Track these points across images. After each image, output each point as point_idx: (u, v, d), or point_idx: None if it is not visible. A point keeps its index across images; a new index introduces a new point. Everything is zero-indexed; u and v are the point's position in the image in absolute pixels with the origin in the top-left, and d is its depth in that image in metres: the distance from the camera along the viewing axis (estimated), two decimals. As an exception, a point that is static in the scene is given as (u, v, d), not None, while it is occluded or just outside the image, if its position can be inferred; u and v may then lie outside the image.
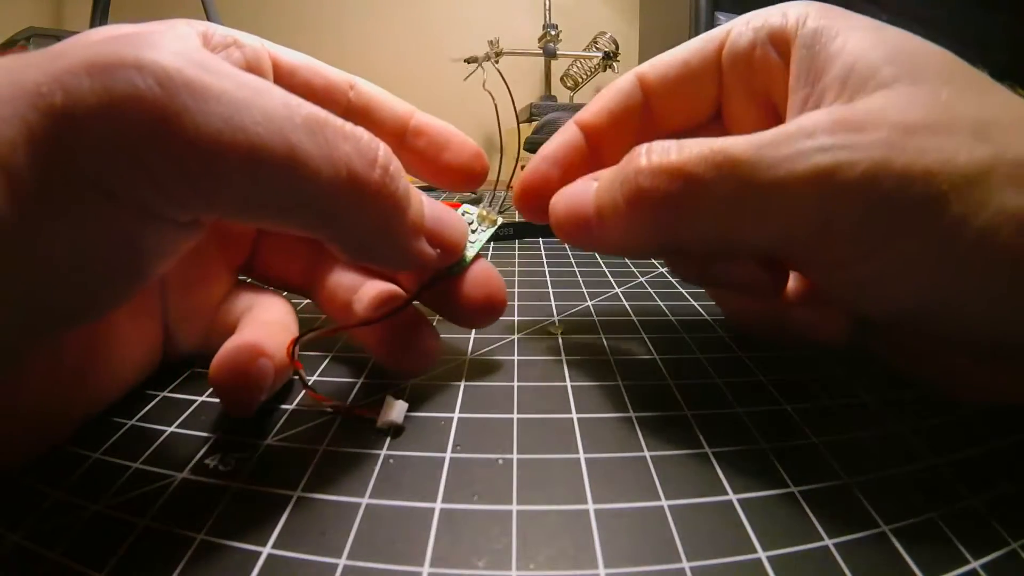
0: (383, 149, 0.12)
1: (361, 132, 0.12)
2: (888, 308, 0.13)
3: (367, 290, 0.17)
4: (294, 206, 0.11)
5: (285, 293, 0.21)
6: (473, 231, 0.17)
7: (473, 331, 0.21)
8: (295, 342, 0.15)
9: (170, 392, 0.17)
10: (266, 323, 0.17)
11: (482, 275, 0.16)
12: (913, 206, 0.11)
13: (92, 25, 0.65)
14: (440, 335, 0.17)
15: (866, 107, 0.12)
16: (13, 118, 0.09)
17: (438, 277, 0.16)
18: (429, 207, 0.14)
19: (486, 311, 0.16)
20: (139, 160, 0.09)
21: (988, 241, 0.10)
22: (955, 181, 0.10)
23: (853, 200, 0.11)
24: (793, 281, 0.15)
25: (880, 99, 0.12)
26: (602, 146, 0.19)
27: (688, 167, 0.12)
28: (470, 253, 0.16)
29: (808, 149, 0.11)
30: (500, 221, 0.18)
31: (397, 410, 0.15)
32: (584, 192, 0.15)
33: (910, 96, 0.12)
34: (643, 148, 0.13)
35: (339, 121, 0.12)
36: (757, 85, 0.16)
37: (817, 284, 0.14)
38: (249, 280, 0.21)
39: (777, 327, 0.17)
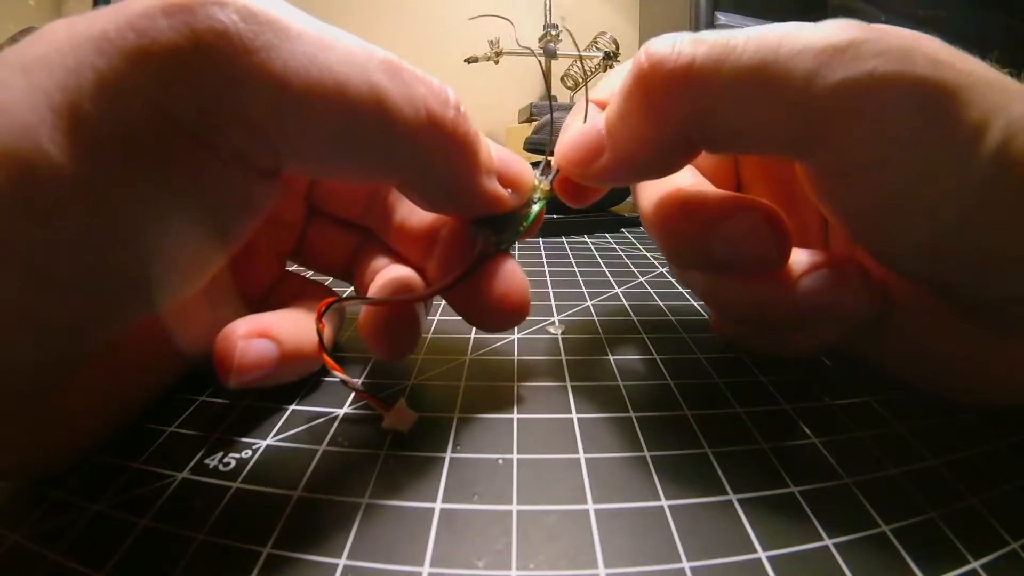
0: (451, 91, 0.12)
1: (429, 75, 0.12)
2: (905, 233, 0.12)
3: (384, 273, 0.17)
4: (379, 149, 0.11)
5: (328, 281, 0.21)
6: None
7: (473, 331, 0.21)
8: (330, 302, 0.15)
9: (170, 392, 0.17)
10: (296, 310, 0.17)
11: (509, 274, 0.16)
12: (934, 107, 0.11)
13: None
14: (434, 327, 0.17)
15: (879, 26, 0.12)
16: (78, 67, 0.09)
17: (488, 251, 0.15)
18: (495, 148, 0.14)
19: (510, 310, 0.16)
20: (228, 98, 0.09)
21: (1006, 153, 0.10)
22: (973, 81, 0.10)
23: (877, 96, 0.11)
24: (797, 254, 0.15)
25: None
26: None
27: (706, 37, 0.12)
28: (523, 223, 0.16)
29: (835, 41, 0.11)
30: (551, 191, 0.16)
31: (407, 420, 0.14)
32: (592, 125, 0.14)
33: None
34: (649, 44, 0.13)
35: (409, 64, 0.12)
36: None
37: (830, 201, 0.13)
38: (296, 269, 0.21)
39: (785, 319, 0.16)
